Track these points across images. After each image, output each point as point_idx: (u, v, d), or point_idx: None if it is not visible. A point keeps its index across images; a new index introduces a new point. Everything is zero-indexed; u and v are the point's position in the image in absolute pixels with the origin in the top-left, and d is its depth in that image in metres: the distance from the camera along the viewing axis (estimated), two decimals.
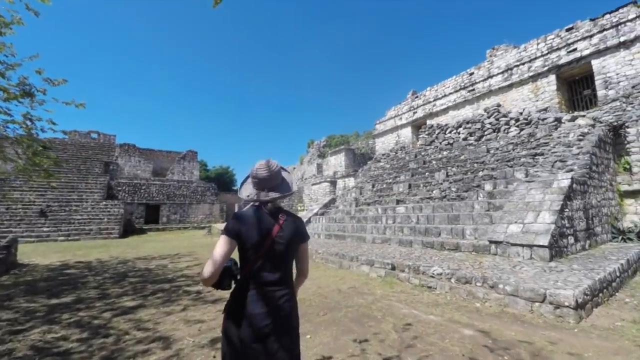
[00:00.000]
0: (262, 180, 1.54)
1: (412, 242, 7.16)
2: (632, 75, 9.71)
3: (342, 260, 6.89)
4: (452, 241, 6.37)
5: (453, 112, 15.59)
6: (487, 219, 6.44)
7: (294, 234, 1.55)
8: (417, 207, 8.70)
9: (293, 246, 1.55)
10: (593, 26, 10.85)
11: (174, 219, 25.30)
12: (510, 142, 9.26)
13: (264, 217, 1.50)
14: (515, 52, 13.44)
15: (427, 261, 5.47)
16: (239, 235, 1.44)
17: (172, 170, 29.72)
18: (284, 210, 1.60)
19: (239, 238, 1.44)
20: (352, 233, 9.72)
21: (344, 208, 12.14)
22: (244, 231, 1.44)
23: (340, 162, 23.60)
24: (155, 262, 8.12)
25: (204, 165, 47.14)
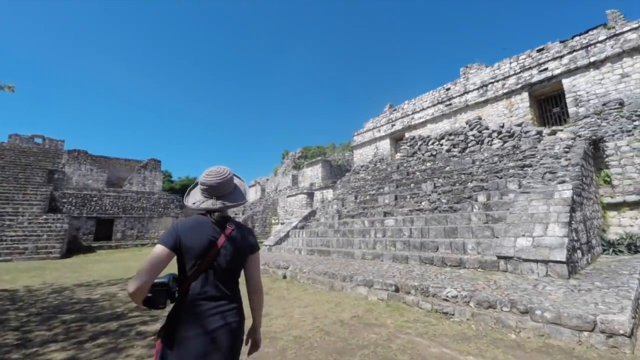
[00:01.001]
0: (210, 187, 1.45)
1: (408, 258, 6.51)
2: (602, 94, 10.26)
3: (333, 281, 6.02)
4: (453, 257, 5.81)
5: (431, 125, 15.77)
6: (489, 232, 6.00)
7: (242, 245, 1.46)
8: (407, 219, 8.15)
9: (240, 258, 1.46)
10: (563, 47, 11.49)
11: (131, 234, 22.71)
12: (495, 154, 9.19)
13: (209, 227, 1.41)
14: (490, 70, 13.94)
15: (434, 280, 4.81)
16: (177, 245, 1.32)
17: (130, 180, 27.04)
18: (232, 220, 1.49)
19: (178, 249, 1.32)
20: (337, 248, 8.89)
21: (326, 221, 11.33)
22: (185, 241, 1.33)
23: (317, 173, 22.94)
24: (101, 290, 6.62)
25: (169, 175, 44.04)
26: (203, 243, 1.35)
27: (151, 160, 29.39)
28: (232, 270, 1.42)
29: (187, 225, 1.39)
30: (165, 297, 1.30)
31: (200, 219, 1.43)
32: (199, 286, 1.33)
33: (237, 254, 1.43)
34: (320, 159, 23.38)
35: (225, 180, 1.47)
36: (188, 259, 1.34)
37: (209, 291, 1.34)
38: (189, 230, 1.37)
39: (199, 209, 1.45)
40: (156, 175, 29.40)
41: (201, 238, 1.36)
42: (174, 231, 1.35)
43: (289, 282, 6.87)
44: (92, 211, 21.58)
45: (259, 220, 22.72)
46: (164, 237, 1.33)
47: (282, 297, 5.44)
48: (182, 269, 1.36)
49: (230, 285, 1.41)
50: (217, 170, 1.49)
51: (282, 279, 7.34)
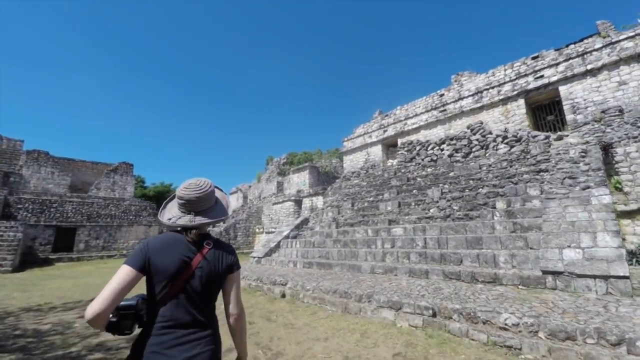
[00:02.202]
0: (189, 202, 1.31)
1: (429, 272, 5.71)
2: (600, 101, 10.22)
3: (346, 301, 5.08)
4: (484, 271, 5.07)
5: (425, 131, 15.41)
6: (521, 242, 5.35)
7: (220, 265, 1.32)
8: (418, 228, 7.41)
9: (218, 279, 1.31)
10: (558, 55, 11.50)
11: (96, 245, 20.46)
12: (504, 158, 8.76)
13: (183, 246, 1.28)
14: (484, 76, 13.84)
15: (477, 302, 4.01)
16: (146, 266, 1.19)
17: (97, 185, 24.68)
18: (211, 238, 1.38)
19: (147, 270, 1.19)
20: (340, 260, 7.96)
21: (322, 230, 10.38)
22: (155, 262, 1.20)
23: (304, 180, 21.97)
24: (54, 317, 5.24)
25: (141, 181, 41.18)
26: (175, 264, 1.22)
27: (122, 164, 27.12)
28: (207, 293, 1.29)
29: (158, 243, 1.26)
30: (132, 321, 1.17)
31: (174, 236, 1.31)
32: (169, 311, 1.20)
33: (215, 275, 1.31)
34: (308, 165, 22.48)
35: (205, 194, 1.35)
36: (158, 280, 1.21)
37: (180, 317, 1.20)
38: (161, 249, 1.24)
39: (175, 226, 1.32)
40: (127, 180, 27.13)
41: (173, 258, 1.23)
42: (144, 249, 1.22)
43: (291, 303, 5.83)
44: (51, 218, 19.21)
45: (242, 229, 21.29)
46: (131, 257, 1.20)
47: (290, 324, 4.42)
48: (151, 292, 1.22)
49: (205, 311, 1.28)
50: (196, 182, 1.37)
51: (280, 298, 6.28)
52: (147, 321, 1.21)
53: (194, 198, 1.31)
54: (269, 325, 4.36)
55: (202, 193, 1.33)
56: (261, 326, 4.34)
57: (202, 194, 1.33)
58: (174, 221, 1.32)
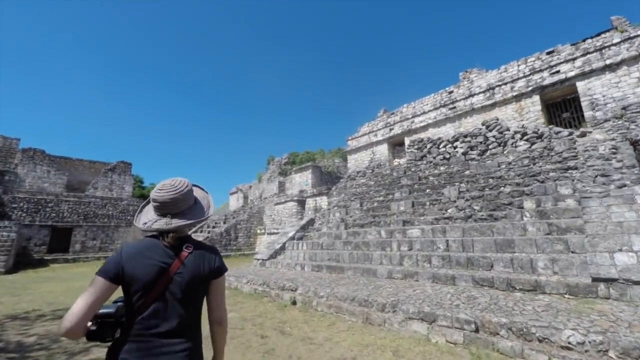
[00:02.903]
0: (163, 204, 1.24)
1: (455, 278, 5.20)
2: (620, 97, 9.76)
3: (367, 311, 4.56)
4: (522, 278, 4.57)
5: (433, 129, 14.93)
6: (560, 245, 4.85)
7: (202, 269, 1.23)
8: (437, 229, 6.90)
9: (198, 286, 1.23)
10: (575, 50, 11.04)
11: (92, 246, 19.89)
12: (525, 156, 8.28)
13: (160, 251, 1.20)
14: (496, 72, 13.38)
15: (525, 315, 3.51)
16: (120, 275, 1.13)
17: (95, 184, 24.08)
18: (192, 240, 1.29)
19: (120, 279, 1.13)
20: (352, 263, 7.44)
21: (330, 231, 9.87)
22: (130, 270, 1.13)
23: (307, 180, 21.45)
24: (40, 328, 4.70)
25: (140, 181, 40.55)
26: (151, 271, 1.15)
27: (120, 163, 26.54)
28: (189, 300, 1.20)
29: (133, 250, 1.19)
30: (112, 328, 1.13)
31: (150, 242, 1.24)
32: (146, 320, 1.13)
33: (197, 281, 1.22)
34: (311, 164, 21.96)
35: (180, 194, 1.26)
36: (134, 289, 1.14)
37: (156, 326, 1.13)
38: (135, 255, 1.18)
39: (151, 230, 1.23)
40: (125, 180, 26.54)
41: (149, 265, 1.16)
42: (117, 258, 1.16)
43: (303, 311, 5.30)
44: (46, 218, 18.64)
45: (243, 230, 20.73)
46: (104, 266, 1.14)
47: (308, 338, 3.89)
48: (129, 301, 1.15)
49: (187, 320, 1.19)
50: (171, 183, 1.28)
51: (291, 305, 5.76)
52: (124, 329, 1.16)
53: (169, 199, 1.24)
54: (284, 340, 3.84)
55: (177, 194, 1.26)
56: (276, 341, 3.82)
57: (177, 195, 1.26)
58: (149, 225, 1.25)
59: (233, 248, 19.93)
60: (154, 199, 1.26)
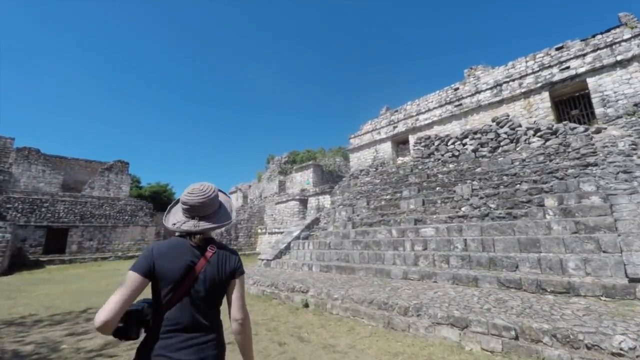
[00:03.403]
0: (192, 207, 1.33)
1: (478, 279, 4.94)
2: (631, 94, 9.58)
3: (388, 315, 4.28)
4: (553, 279, 4.31)
5: (438, 126, 14.71)
6: (591, 245, 4.60)
7: (223, 269, 1.32)
8: (453, 228, 6.64)
9: (221, 284, 1.31)
10: (585, 45, 10.84)
11: (89, 246, 19.46)
12: (539, 152, 8.05)
13: (188, 250, 1.29)
14: (503, 68, 13.17)
15: (567, 320, 3.25)
16: (151, 271, 1.20)
17: (91, 184, 23.60)
18: (215, 242, 1.39)
19: (152, 275, 1.20)
20: (362, 264, 7.16)
21: (337, 230, 9.58)
22: (160, 266, 1.21)
23: (308, 179, 21.16)
24: (38, 335, 4.37)
25: (137, 181, 40.06)
26: (180, 268, 1.23)
27: (117, 162, 26.04)
28: (211, 297, 1.29)
29: (163, 248, 1.27)
30: (138, 326, 1.19)
31: (178, 241, 1.32)
32: (174, 315, 1.20)
33: (218, 280, 1.30)
34: (312, 163, 21.66)
35: (208, 199, 1.35)
36: (163, 285, 1.21)
37: (184, 321, 1.21)
38: (165, 253, 1.25)
39: (180, 231, 1.33)
40: (123, 179, 26.07)
41: (178, 263, 1.24)
42: (149, 255, 1.23)
43: (318, 315, 5.01)
44: (42, 219, 18.18)
45: (244, 230, 20.41)
46: (137, 263, 1.21)
47: (330, 346, 3.60)
48: (157, 296, 1.23)
49: (209, 315, 1.28)
50: (200, 187, 1.37)
51: (303, 308, 5.46)
52: (152, 325, 1.22)
53: (198, 203, 1.32)
54: (304, 348, 3.54)
55: (205, 198, 1.34)
56: (295, 349, 3.52)
57: (206, 199, 1.34)
58: (179, 226, 1.33)
59: (233, 249, 19.63)
60: (184, 202, 1.33)
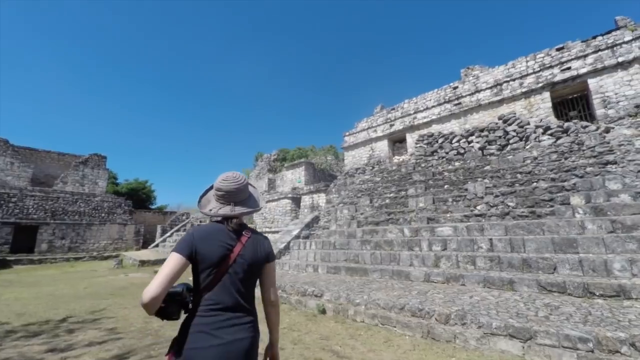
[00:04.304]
0: (228, 193, 1.40)
1: (514, 283, 4.57)
2: (632, 96, 9.67)
3: (426, 323, 3.80)
4: (600, 282, 3.99)
5: (437, 125, 14.54)
6: (633, 244, 4.33)
7: (258, 253, 1.39)
8: (473, 227, 6.29)
9: (256, 267, 1.38)
10: (586, 47, 10.91)
11: (61, 245, 17.96)
12: (551, 151, 7.89)
13: (226, 234, 1.35)
14: (503, 68, 13.14)
15: None
16: (194, 253, 1.26)
17: (64, 178, 21.87)
18: (249, 228, 1.43)
19: (193, 258, 1.26)
20: (374, 265, 6.69)
21: (341, 229, 9.07)
22: (201, 249, 1.27)
23: (300, 177, 20.52)
24: (12, 349, 3.53)
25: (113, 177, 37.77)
26: (219, 251, 1.30)
27: (94, 156, 24.32)
28: (248, 279, 1.35)
29: (203, 232, 1.33)
30: (179, 307, 1.25)
31: (217, 226, 1.38)
32: (215, 295, 1.26)
33: (254, 263, 1.37)
34: (304, 161, 21.03)
35: (242, 185, 1.44)
36: (203, 267, 1.28)
37: (224, 301, 1.26)
38: (206, 237, 1.31)
39: (217, 216, 1.40)
40: (99, 174, 24.41)
41: (217, 246, 1.30)
42: (190, 239, 1.29)
43: (340, 322, 4.47)
44: (9, 214, 16.55)
45: None
46: (180, 245, 1.26)
47: None
48: (197, 278, 1.30)
49: (246, 296, 1.34)
50: (233, 175, 1.44)
51: (320, 315, 4.90)
52: (193, 305, 1.27)
53: (233, 189, 1.39)
54: None
55: (239, 185, 1.41)
56: None
57: (240, 186, 1.41)
58: (215, 211, 1.39)
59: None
60: (218, 188, 1.40)
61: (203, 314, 1.22)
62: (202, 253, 1.25)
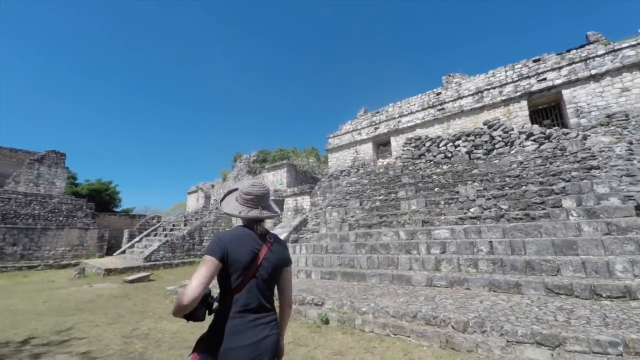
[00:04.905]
0: (257, 197, 1.50)
1: (520, 285, 4.54)
2: (603, 106, 10.37)
3: (443, 332, 3.61)
4: (606, 283, 4.03)
5: (421, 129, 14.80)
6: (631, 246, 4.46)
7: (280, 257, 1.49)
8: (470, 229, 6.29)
9: (278, 271, 1.48)
10: (561, 59, 11.60)
11: (12, 252, 16.06)
12: (536, 156, 8.18)
13: (253, 239, 1.43)
14: (484, 76, 13.66)
15: None
16: (225, 255, 1.32)
17: (16, 177, 19.65)
18: (271, 233, 1.55)
19: (225, 259, 1.32)
20: (372, 269, 6.47)
21: (332, 232, 8.78)
22: (232, 252, 1.34)
23: (282, 178, 20.01)
24: None
25: (72, 177, 34.70)
26: (248, 255, 1.36)
27: (51, 153, 22.10)
28: (271, 282, 1.43)
29: (233, 236, 1.39)
30: (206, 309, 1.30)
31: (245, 230, 1.45)
32: (243, 298, 1.33)
33: (276, 267, 1.45)
34: (286, 162, 20.55)
35: (267, 191, 1.56)
36: (233, 270, 1.33)
37: (252, 303, 1.34)
38: (235, 241, 1.37)
39: (248, 217, 1.48)
40: (57, 173, 22.24)
41: (246, 249, 1.37)
42: (221, 242, 1.34)
43: (348, 333, 4.16)
44: None
45: (209, 233, 18.49)
46: (212, 248, 1.32)
47: None
48: (227, 280, 1.35)
49: (269, 298, 1.42)
50: (259, 182, 1.56)
51: (324, 325, 4.57)
52: (222, 307, 1.33)
53: (262, 193, 1.52)
54: None
55: (266, 190, 1.55)
56: None
57: (266, 192, 1.56)
58: (245, 213, 1.47)
59: (197, 253, 17.66)
60: (248, 192, 1.49)
61: (235, 316, 1.29)
62: (233, 256, 1.32)
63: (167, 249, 16.45)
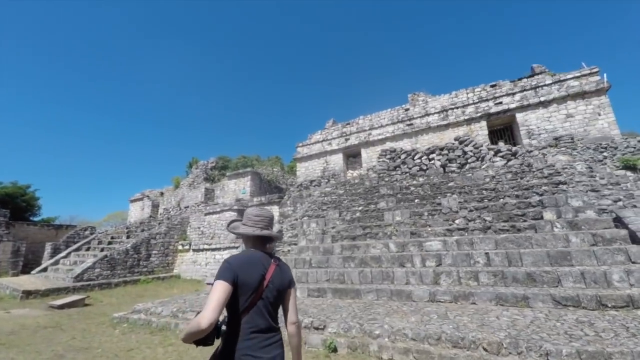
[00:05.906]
0: (266, 218, 1.64)
1: (528, 298, 4.49)
2: (551, 129, 11.67)
3: (477, 355, 3.29)
4: (611, 293, 4.15)
5: (391, 143, 15.16)
6: (621, 256, 4.73)
7: (284, 279, 1.53)
8: (463, 241, 6.26)
9: (282, 292, 1.52)
10: (514, 86, 12.89)
11: None
12: (506, 171, 8.73)
13: (259, 262, 1.48)
14: (448, 96, 14.58)
15: None
16: (235, 280, 1.36)
17: None
18: (276, 256, 1.61)
19: (235, 284, 1.36)
20: (365, 284, 6.03)
21: (312, 244, 8.19)
22: (241, 276, 1.38)
23: (245, 187, 18.80)
24: None
25: None
26: (256, 277, 1.41)
27: None
28: (276, 303, 1.48)
29: (241, 260, 1.44)
30: (215, 332, 1.32)
31: (252, 253, 1.52)
32: (252, 319, 1.37)
33: (281, 288, 1.50)
34: (250, 170, 19.40)
35: (273, 216, 1.72)
36: (242, 292, 1.37)
37: (260, 324, 1.38)
38: (244, 265, 1.42)
39: (260, 235, 1.58)
40: None
41: (254, 272, 1.42)
42: (230, 267, 1.38)
43: None
44: None
45: (159, 246, 16.34)
46: (223, 273, 1.35)
47: None
48: (235, 303, 1.38)
49: (274, 318, 1.47)
50: (265, 209, 1.70)
51: (332, 353, 3.95)
52: (231, 329, 1.37)
53: (270, 216, 1.67)
54: None
55: (272, 214, 1.70)
56: None
57: (272, 215, 1.70)
58: (257, 232, 1.58)
59: (143, 270, 15.50)
60: (257, 215, 1.62)
61: (245, 338, 1.34)
62: (243, 279, 1.37)
63: (105, 266, 14.00)
